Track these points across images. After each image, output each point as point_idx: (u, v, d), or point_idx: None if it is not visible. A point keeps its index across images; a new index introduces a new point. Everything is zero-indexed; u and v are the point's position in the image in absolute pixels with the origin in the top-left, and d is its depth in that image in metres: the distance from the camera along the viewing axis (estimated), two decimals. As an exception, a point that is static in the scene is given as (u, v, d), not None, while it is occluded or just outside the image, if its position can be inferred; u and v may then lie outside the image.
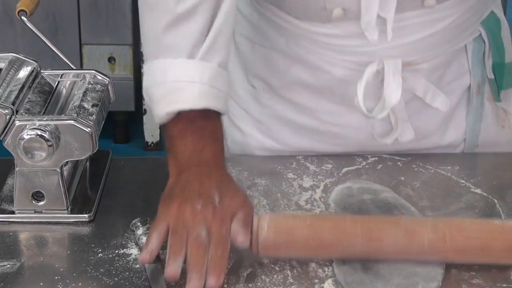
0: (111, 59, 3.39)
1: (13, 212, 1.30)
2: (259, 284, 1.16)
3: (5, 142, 1.25)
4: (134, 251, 1.22)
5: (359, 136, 1.45)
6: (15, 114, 1.26)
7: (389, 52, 1.35)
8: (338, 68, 1.39)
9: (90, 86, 1.34)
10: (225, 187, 1.19)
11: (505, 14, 1.50)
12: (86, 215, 1.29)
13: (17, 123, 1.24)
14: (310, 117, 1.46)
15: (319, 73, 1.40)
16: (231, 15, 1.28)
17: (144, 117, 3.46)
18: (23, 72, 1.35)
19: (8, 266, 1.19)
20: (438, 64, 1.41)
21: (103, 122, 1.31)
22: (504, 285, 1.16)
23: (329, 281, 1.16)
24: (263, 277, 1.17)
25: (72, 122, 1.24)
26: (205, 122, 1.25)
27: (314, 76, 1.41)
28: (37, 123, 1.24)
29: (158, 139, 3.50)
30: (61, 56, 1.43)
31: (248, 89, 1.50)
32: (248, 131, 1.51)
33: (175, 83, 1.25)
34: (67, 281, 1.16)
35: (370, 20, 1.29)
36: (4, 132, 1.25)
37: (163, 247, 1.22)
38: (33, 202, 1.28)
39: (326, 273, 1.18)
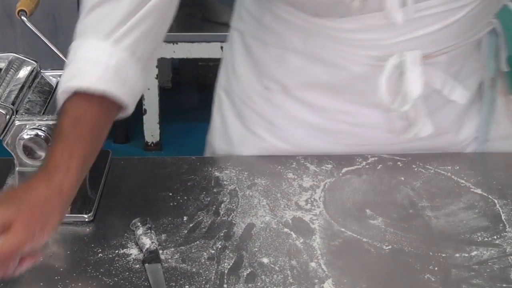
0: (111, 59, 3.39)
1: (13, 212, 1.29)
2: (259, 284, 1.16)
3: (5, 142, 1.25)
4: (134, 251, 1.22)
5: (375, 134, 1.45)
6: (15, 114, 1.26)
7: (409, 45, 1.35)
8: (357, 64, 1.38)
9: (90, 86, 1.34)
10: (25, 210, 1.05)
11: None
12: (86, 215, 1.29)
13: (17, 123, 1.24)
14: (325, 117, 1.45)
15: (337, 70, 1.39)
16: (163, 9, 1.24)
17: (144, 117, 3.46)
18: (23, 72, 1.35)
19: (8, 266, 1.19)
20: (455, 57, 1.41)
21: (103, 122, 1.31)
22: (504, 285, 1.16)
23: (329, 281, 1.17)
24: (263, 277, 1.17)
25: (72, 122, 1.24)
26: (92, 114, 1.16)
27: (332, 74, 1.40)
28: (37, 123, 1.24)
29: (158, 139, 3.50)
30: (61, 56, 1.43)
31: (261, 92, 1.47)
32: (261, 135, 1.49)
33: (81, 62, 1.18)
34: (67, 281, 1.16)
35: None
36: (4, 132, 1.25)
37: (163, 247, 1.22)
38: (33, 202, 1.28)
39: (326, 273, 1.18)
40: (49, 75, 1.38)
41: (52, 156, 1.10)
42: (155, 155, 3.40)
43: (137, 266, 1.19)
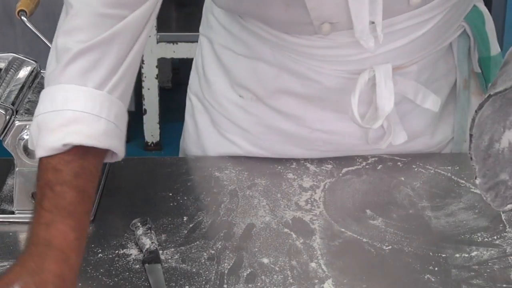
0: (111, 59, 3.39)
1: (13, 212, 1.30)
2: (259, 284, 1.16)
3: (5, 142, 1.25)
4: (134, 251, 1.22)
5: (351, 142, 1.44)
6: (15, 114, 1.26)
7: (380, 59, 1.34)
8: (329, 77, 1.37)
9: (90, 86, 1.34)
10: None
11: (505, 14, 1.50)
12: (86, 215, 1.29)
13: (17, 123, 1.24)
14: (300, 125, 1.44)
15: (308, 82, 1.38)
16: (142, 50, 1.20)
17: (144, 117, 3.46)
18: (23, 72, 1.35)
19: (8, 266, 1.18)
20: (426, 64, 1.41)
21: (103, 122, 1.31)
22: (504, 285, 1.16)
23: (329, 281, 1.17)
24: (263, 277, 1.17)
25: (72, 122, 1.24)
26: (94, 184, 1.12)
27: (303, 85, 1.39)
28: (37, 123, 1.23)
29: (158, 139, 3.50)
30: (61, 56, 1.43)
31: (235, 99, 1.46)
32: (237, 141, 1.48)
33: (78, 112, 1.11)
34: (67, 281, 1.16)
35: (363, 28, 1.28)
36: (4, 132, 1.25)
37: (163, 247, 1.22)
38: (33, 202, 1.28)
39: (326, 273, 1.18)
40: (49, 75, 1.38)
41: (65, 235, 1.05)
42: (155, 155, 3.40)
43: (137, 266, 1.19)
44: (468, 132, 1.11)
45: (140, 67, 3.38)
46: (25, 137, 1.24)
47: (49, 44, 1.41)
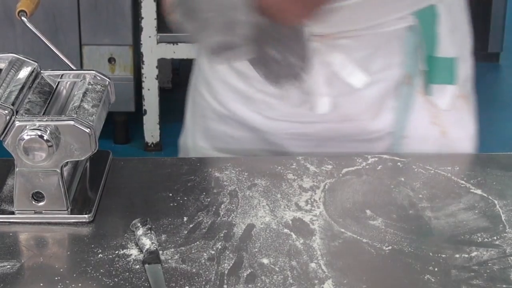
0: (111, 60, 3.40)
1: (13, 213, 1.30)
2: (259, 284, 1.16)
3: (5, 143, 1.25)
4: (134, 251, 1.22)
5: (286, 108, 1.50)
6: (15, 114, 1.26)
7: None
8: None
9: (90, 86, 1.34)
10: None
11: (505, 14, 1.51)
12: (86, 216, 1.29)
13: (17, 123, 1.24)
14: (246, 83, 1.52)
15: None
16: None
17: (144, 117, 3.47)
18: (23, 73, 1.35)
19: (8, 266, 1.19)
20: (360, 44, 1.43)
21: (103, 123, 1.31)
22: (504, 285, 1.16)
23: (329, 281, 1.17)
24: (263, 277, 1.17)
25: (72, 122, 1.24)
26: None
27: None
28: (37, 123, 1.24)
29: (158, 139, 3.50)
30: (61, 56, 1.43)
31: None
32: (204, 95, 1.59)
33: None
34: (67, 281, 1.16)
35: None
36: (4, 133, 1.25)
37: (163, 247, 1.23)
38: (33, 202, 1.28)
39: (326, 273, 1.18)
40: (49, 75, 1.38)
41: None
42: (155, 156, 3.40)
43: (137, 266, 1.19)
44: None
45: (140, 68, 3.39)
46: (25, 137, 1.24)
47: (49, 44, 1.42)
